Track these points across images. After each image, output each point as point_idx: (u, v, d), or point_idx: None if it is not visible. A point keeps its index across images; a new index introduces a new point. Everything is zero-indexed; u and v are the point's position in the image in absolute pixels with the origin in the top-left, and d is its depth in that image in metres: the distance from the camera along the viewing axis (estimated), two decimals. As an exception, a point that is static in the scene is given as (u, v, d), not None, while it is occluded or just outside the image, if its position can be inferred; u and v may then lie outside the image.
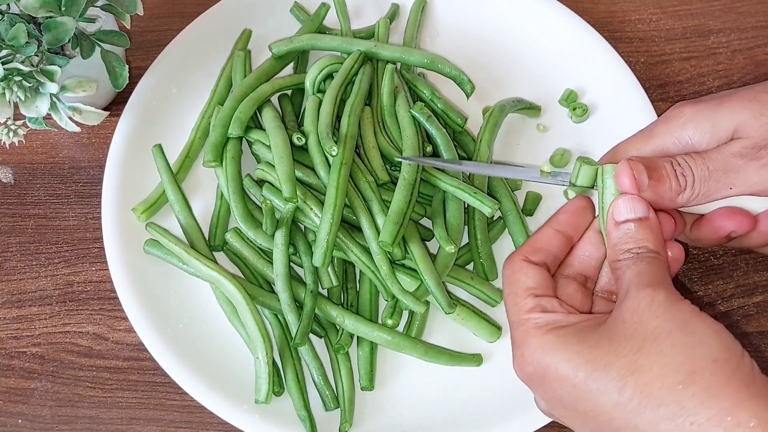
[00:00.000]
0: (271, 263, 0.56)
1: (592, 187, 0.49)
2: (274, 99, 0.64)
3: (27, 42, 0.53)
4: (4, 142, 0.56)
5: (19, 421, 0.56)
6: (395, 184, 0.56)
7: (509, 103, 0.63)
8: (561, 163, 0.62)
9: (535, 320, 0.43)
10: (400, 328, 0.57)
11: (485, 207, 0.55)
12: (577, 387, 0.39)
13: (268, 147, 0.58)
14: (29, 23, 0.54)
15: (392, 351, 0.56)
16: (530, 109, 0.64)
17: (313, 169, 0.58)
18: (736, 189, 0.45)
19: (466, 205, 0.58)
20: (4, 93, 0.53)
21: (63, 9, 0.53)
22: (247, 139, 0.60)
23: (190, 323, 0.57)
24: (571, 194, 0.53)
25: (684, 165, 0.45)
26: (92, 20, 0.58)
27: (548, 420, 0.53)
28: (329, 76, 0.61)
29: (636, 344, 0.39)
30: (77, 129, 0.57)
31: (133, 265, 0.58)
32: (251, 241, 0.58)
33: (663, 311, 0.39)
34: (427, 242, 0.58)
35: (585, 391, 0.39)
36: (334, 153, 0.55)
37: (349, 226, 0.57)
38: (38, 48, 0.54)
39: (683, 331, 0.38)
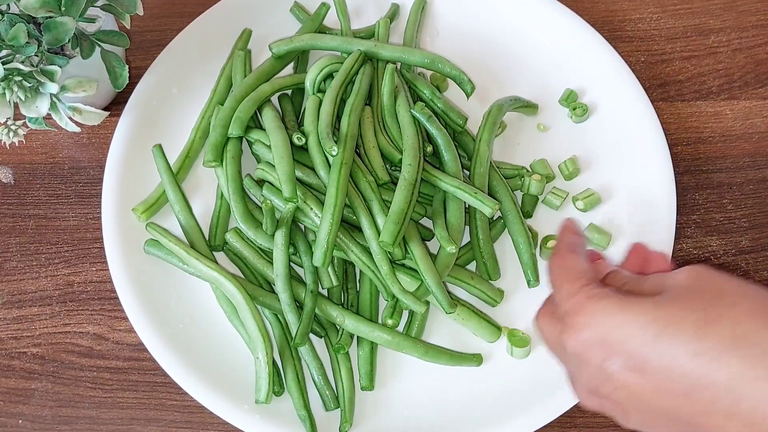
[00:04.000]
0: (271, 263, 0.56)
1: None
2: (274, 99, 0.64)
3: (27, 42, 0.53)
4: (4, 142, 0.56)
5: (20, 421, 0.57)
6: (395, 184, 0.56)
7: (507, 102, 0.63)
8: (572, 175, 0.62)
9: (588, 291, 0.42)
10: (400, 328, 0.57)
11: (486, 207, 0.55)
12: (647, 344, 0.38)
13: (268, 147, 0.58)
14: (29, 23, 0.54)
15: (392, 351, 0.56)
16: (527, 107, 0.64)
17: (313, 169, 0.58)
18: None
19: (466, 206, 0.58)
20: (4, 93, 0.53)
21: (63, 9, 0.53)
22: (247, 139, 0.60)
23: (190, 323, 0.57)
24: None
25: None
26: (92, 20, 0.58)
27: (548, 419, 0.53)
28: (329, 76, 0.61)
29: (703, 302, 0.38)
30: (77, 129, 0.57)
31: (133, 265, 0.58)
32: (251, 241, 0.58)
33: (717, 276, 0.39)
34: (427, 242, 0.58)
35: (656, 346, 0.38)
36: (334, 153, 0.55)
37: (349, 226, 0.57)
38: (38, 48, 0.54)
39: (746, 285, 0.39)
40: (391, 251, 0.54)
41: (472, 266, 0.59)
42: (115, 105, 0.66)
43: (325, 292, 0.58)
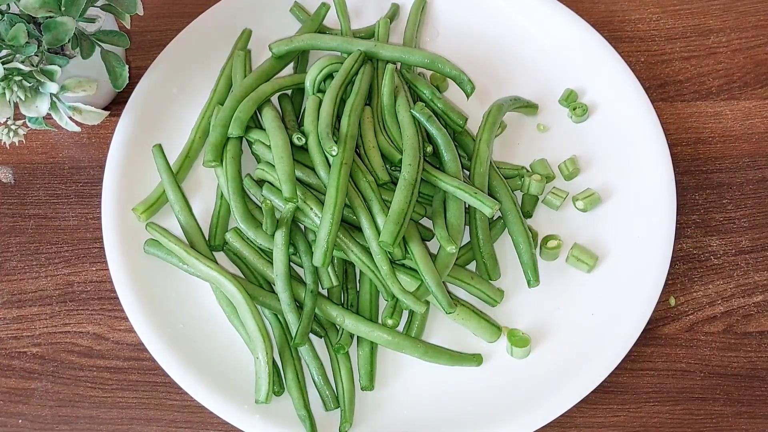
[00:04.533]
0: (271, 263, 0.56)
1: None
2: (274, 99, 0.64)
3: (27, 42, 0.53)
4: (4, 142, 0.56)
5: (20, 421, 0.57)
6: (395, 184, 0.56)
7: (507, 102, 0.63)
8: (572, 175, 0.62)
9: None
10: (400, 328, 0.57)
11: (486, 207, 0.55)
12: None
13: (268, 147, 0.58)
14: (29, 23, 0.54)
15: (392, 351, 0.56)
16: (528, 107, 0.64)
17: (313, 169, 0.58)
18: None
19: (466, 206, 0.58)
20: (4, 93, 0.53)
21: (63, 9, 0.53)
22: (247, 139, 0.60)
23: (190, 323, 0.57)
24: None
25: None
26: (92, 20, 0.58)
27: (548, 419, 0.53)
28: (329, 76, 0.61)
29: None
30: (77, 129, 0.58)
31: (133, 265, 0.58)
32: (251, 241, 0.58)
33: None
34: (427, 242, 0.58)
35: None
36: (334, 153, 0.55)
37: (349, 226, 0.57)
38: (38, 48, 0.54)
39: None
40: (391, 251, 0.54)
41: (472, 266, 0.59)
42: (115, 105, 0.66)
43: (325, 292, 0.58)
